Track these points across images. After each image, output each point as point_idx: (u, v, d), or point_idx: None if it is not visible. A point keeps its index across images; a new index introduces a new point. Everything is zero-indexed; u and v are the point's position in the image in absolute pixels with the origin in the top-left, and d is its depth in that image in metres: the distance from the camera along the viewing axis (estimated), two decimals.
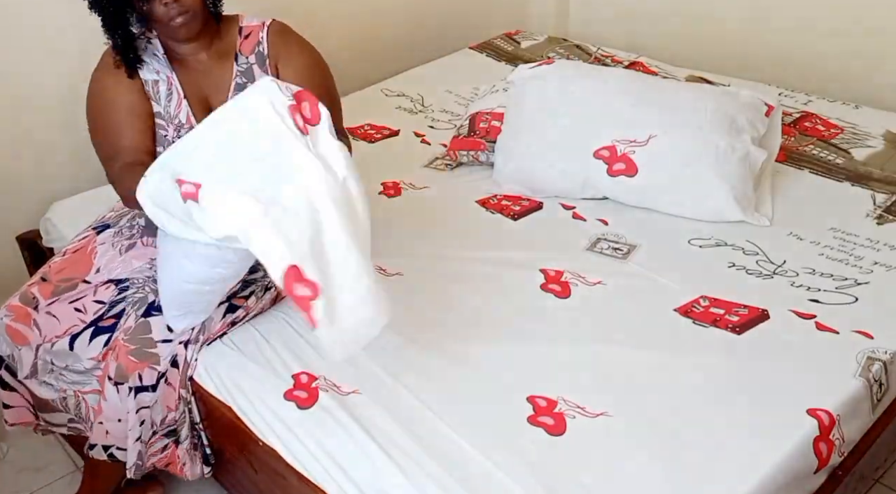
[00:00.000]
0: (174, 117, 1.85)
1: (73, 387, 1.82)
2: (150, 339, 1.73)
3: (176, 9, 1.71)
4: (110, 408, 1.75)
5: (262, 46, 1.88)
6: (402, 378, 1.66)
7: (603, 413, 1.55)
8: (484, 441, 1.51)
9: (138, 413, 1.74)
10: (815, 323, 1.76)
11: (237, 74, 1.87)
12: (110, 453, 1.82)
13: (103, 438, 1.80)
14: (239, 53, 1.88)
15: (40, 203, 2.41)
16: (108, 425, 1.78)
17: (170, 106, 1.85)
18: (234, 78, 1.87)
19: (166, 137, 1.85)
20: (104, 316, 1.80)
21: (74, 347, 1.78)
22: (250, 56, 1.88)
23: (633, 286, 1.89)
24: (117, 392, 1.73)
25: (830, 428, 1.54)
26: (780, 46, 2.88)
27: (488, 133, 2.39)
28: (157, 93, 1.84)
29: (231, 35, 1.88)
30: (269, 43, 1.88)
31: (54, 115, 2.42)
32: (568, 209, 2.20)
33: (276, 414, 1.63)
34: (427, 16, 3.27)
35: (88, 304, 1.81)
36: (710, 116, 2.15)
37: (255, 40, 1.88)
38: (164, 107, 1.85)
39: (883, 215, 2.12)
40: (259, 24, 1.90)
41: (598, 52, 3.07)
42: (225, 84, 1.87)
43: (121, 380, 1.72)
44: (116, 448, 1.81)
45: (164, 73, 1.84)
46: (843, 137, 2.44)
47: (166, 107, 1.85)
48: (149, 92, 1.83)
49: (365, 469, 1.50)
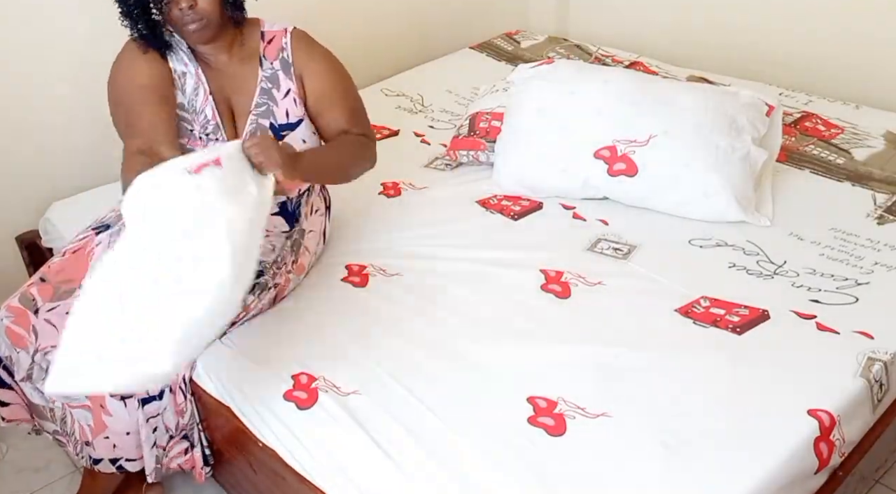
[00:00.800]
0: (200, 112, 1.85)
1: (62, 399, 1.82)
2: None
3: (191, 15, 1.72)
4: (117, 423, 1.76)
5: (286, 53, 1.89)
6: (402, 378, 1.66)
7: (603, 414, 1.55)
8: (484, 442, 1.51)
9: (148, 422, 1.75)
10: (816, 324, 1.76)
11: (262, 79, 1.88)
12: (119, 465, 1.83)
13: (110, 452, 1.81)
14: (263, 58, 1.88)
15: (40, 203, 2.41)
16: (114, 439, 1.79)
17: (196, 100, 1.84)
18: (259, 82, 1.88)
19: (192, 132, 1.85)
20: None
21: None
22: (275, 62, 1.89)
23: (633, 286, 1.89)
24: (125, 406, 1.74)
25: (831, 429, 1.53)
26: (780, 46, 2.88)
27: (488, 133, 2.39)
28: (184, 84, 1.84)
29: (254, 39, 1.89)
30: (293, 50, 1.89)
31: (55, 115, 2.42)
32: (568, 209, 2.20)
33: (275, 415, 1.63)
34: (427, 16, 3.27)
35: None
36: (710, 116, 2.15)
37: (279, 46, 1.89)
38: (188, 100, 1.84)
39: (883, 215, 2.11)
40: (281, 29, 1.91)
41: (598, 52, 3.07)
42: (250, 87, 1.88)
43: (126, 394, 1.72)
44: (126, 460, 1.82)
45: (191, 66, 1.84)
46: (844, 137, 2.44)
47: (192, 100, 1.84)
48: (176, 80, 1.83)
49: (365, 469, 1.50)
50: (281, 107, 1.89)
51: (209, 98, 1.85)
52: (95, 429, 1.80)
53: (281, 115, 1.89)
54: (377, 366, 1.69)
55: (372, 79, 3.04)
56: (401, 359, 1.71)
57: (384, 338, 1.77)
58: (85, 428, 1.82)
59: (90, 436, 1.81)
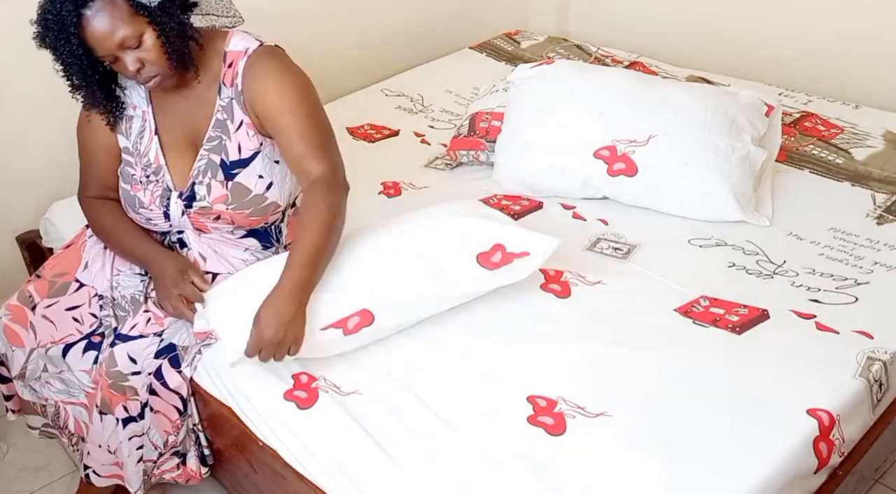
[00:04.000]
0: (143, 154, 1.78)
1: (57, 397, 1.82)
2: (119, 372, 1.71)
3: (144, 75, 1.63)
4: (95, 434, 1.76)
5: (238, 79, 1.72)
6: (402, 378, 1.66)
7: (603, 413, 1.55)
8: (484, 441, 1.51)
9: (131, 441, 1.75)
10: (816, 323, 1.76)
11: (219, 109, 1.74)
12: (86, 473, 1.82)
13: (86, 458, 1.81)
14: (222, 84, 1.73)
15: (40, 203, 2.41)
16: (90, 447, 1.79)
17: (140, 142, 1.78)
18: (215, 112, 1.74)
19: (134, 176, 1.79)
20: (95, 331, 1.80)
21: (67, 356, 1.78)
22: (230, 88, 1.73)
23: (633, 286, 1.89)
24: (101, 420, 1.73)
25: (830, 428, 1.54)
26: (780, 46, 2.88)
27: (488, 133, 2.39)
28: (129, 128, 1.79)
29: (217, 61, 1.74)
30: (243, 76, 1.71)
31: (54, 115, 2.42)
32: (568, 209, 2.20)
33: (276, 414, 1.63)
34: (427, 16, 3.27)
35: (86, 316, 1.81)
36: (710, 116, 2.15)
37: (235, 71, 1.72)
38: (133, 144, 1.79)
39: (883, 215, 2.12)
40: (242, 51, 1.73)
41: (598, 52, 3.07)
42: (206, 118, 1.75)
43: (105, 411, 1.73)
44: (93, 472, 1.81)
45: (140, 107, 1.77)
46: (843, 137, 2.44)
47: (136, 143, 1.79)
48: (121, 125, 1.79)
49: (365, 469, 1.50)
50: (234, 140, 1.74)
51: (154, 139, 1.77)
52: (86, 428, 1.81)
53: (233, 150, 1.74)
54: (377, 366, 1.69)
55: (372, 79, 3.04)
56: (401, 359, 1.71)
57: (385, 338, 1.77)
58: (81, 424, 1.82)
59: (85, 433, 1.82)
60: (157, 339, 1.74)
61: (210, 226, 1.80)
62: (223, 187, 1.75)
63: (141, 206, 1.80)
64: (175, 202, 1.77)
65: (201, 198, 1.76)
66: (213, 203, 1.76)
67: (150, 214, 1.80)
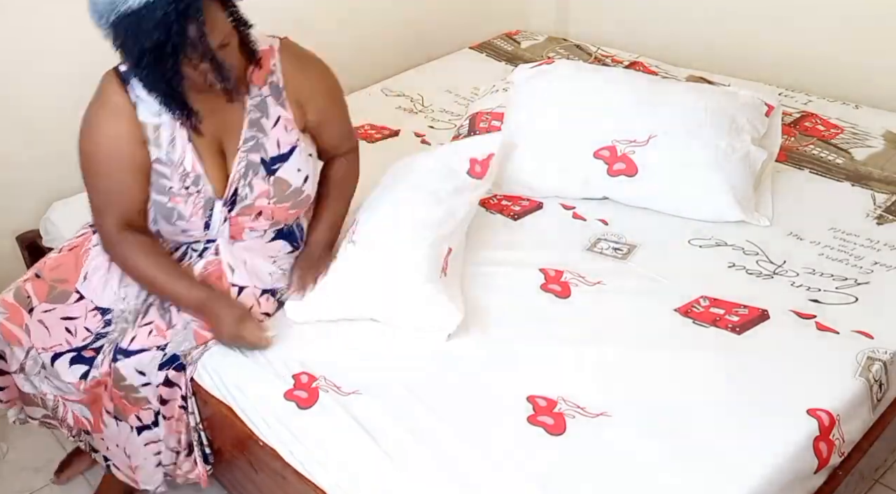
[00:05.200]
0: (178, 164, 1.71)
1: (56, 393, 1.82)
2: (131, 386, 1.71)
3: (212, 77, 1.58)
4: (111, 435, 1.79)
5: (275, 76, 1.75)
6: (402, 378, 1.66)
7: (603, 414, 1.55)
8: (484, 441, 1.51)
9: (147, 447, 1.77)
10: (816, 323, 1.76)
11: (250, 109, 1.74)
12: (107, 466, 1.86)
13: (106, 452, 1.84)
14: (251, 84, 1.73)
15: (40, 203, 2.41)
16: (108, 444, 1.82)
17: (173, 151, 1.70)
18: (246, 113, 1.73)
19: (171, 189, 1.72)
20: (88, 346, 1.78)
21: (55, 364, 1.78)
22: (263, 87, 1.74)
23: (633, 286, 1.89)
24: (117, 425, 1.76)
25: (830, 428, 1.54)
26: (780, 46, 2.88)
27: (488, 133, 2.38)
28: (158, 137, 1.69)
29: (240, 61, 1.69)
30: (283, 72, 1.75)
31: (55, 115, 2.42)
32: (568, 209, 2.20)
33: (276, 414, 1.63)
34: (427, 16, 3.27)
35: (79, 328, 1.79)
36: (710, 116, 2.15)
37: (268, 69, 1.74)
38: (165, 153, 1.70)
39: (883, 215, 2.12)
40: (268, 48, 1.74)
41: (598, 52, 3.07)
42: (237, 120, 1.74)
43: (120, 418, 1.74)
44: (113, 465, 1.85)
45: (165, 115, 1.68)
46: (843, 137, 2.44)
47: (168, 153, 1.70)
48: (147, 136, 1.68)
49: (365, 468, 1.50)
50: (272, 137, 1.76)
51: (188, 147, 1.70)
52: (94, 426, 1.81)
53: (272, 147, 1.76)
54: (377, 366, 1.69)
55: (372, 79, 3.04)
56: (401, 359, 1.71)
57: (384, 338, 1.77)
58: (83, 420, 1.82)
59: (90, 428, 1.82)
60: (161, 353, 1.72)
61: (248, 227, 1.81)
62: (266, 182, 1.77)
63: (179, 218, 1.75)
64: (219, 210, 1.77)
65: (244, 198, 1.77)
66: (255, 199, 1.77)
67: (187, 225, 1.76)
